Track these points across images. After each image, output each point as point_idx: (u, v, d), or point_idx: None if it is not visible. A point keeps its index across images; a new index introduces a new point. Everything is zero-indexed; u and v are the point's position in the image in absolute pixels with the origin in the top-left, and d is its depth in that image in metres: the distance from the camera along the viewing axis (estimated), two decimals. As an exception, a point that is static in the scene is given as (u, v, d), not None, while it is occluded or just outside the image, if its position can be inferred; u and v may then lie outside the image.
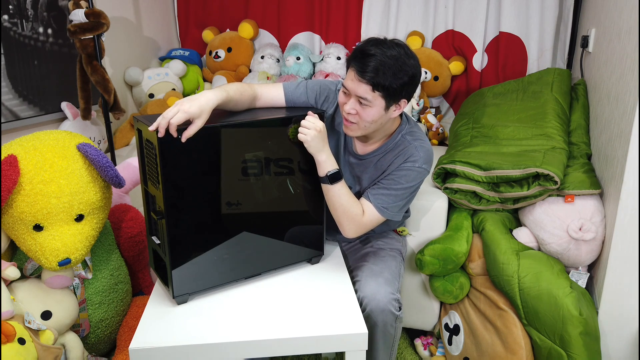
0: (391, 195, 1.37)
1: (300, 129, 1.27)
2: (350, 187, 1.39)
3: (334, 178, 1.32)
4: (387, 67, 1.22)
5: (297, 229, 1.40)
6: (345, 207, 1.35)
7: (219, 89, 1.22)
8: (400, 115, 1.44)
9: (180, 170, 1.15)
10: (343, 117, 1.35)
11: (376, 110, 1.28)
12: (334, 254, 1.54)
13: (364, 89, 1.25)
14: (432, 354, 1.81)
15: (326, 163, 1.31)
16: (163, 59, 2.71)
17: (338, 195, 1.34)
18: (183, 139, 1.11)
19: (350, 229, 1.38)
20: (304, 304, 1.27)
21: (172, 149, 1.11)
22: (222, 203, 1.23)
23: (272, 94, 1.41)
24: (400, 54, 1.24)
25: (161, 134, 1.09)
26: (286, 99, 1.42)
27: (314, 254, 1.46)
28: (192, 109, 1.12)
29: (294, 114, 1.31)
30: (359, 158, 1.45)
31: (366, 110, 1.28)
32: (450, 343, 1.74)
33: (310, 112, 1.29)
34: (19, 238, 1.36)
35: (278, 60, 2.66)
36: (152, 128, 1.09)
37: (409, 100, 1.32)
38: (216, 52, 2.68)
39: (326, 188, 1.34)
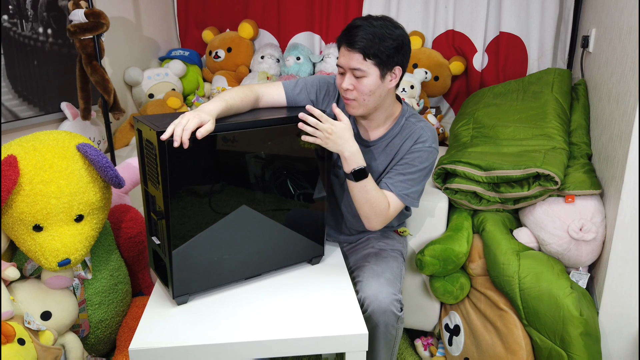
0: (409, 180, 1.38)
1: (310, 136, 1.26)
2: None
3: (358, 175, 1.30)
4: (374, 35, 1.25)
5: (297, 230, 1.39)
6: (372, 203, 1.34)
7: (218, 101, 1.22)
8: (400, 100, 1.46)
9: (180, 170, 1.14)
10: (343, 98, 1.36)
11: (372, 80, 1.29)
12: (334, 254, 1.54)
13: (356, 59, 1.27)
14: (432, 355, 1.81)
15: (350, 160, 1.29)
16: (163, 59, 2.71)
17: (365, 191, 1.32)
18: (198, 136, 1.10)
19: (377, 222, 1.38)
20: (304, 305, 1.26)
21: (172, 149, 1.11)
22: (222, 203, 1.23)
23: (273, 94, 1.42)
24: (386, 23, 1.29)
25: (177, 143, 1.08)
26: (287, 98, 1.43)
27: (315, 255, 1.46)
28: (202, 115, 1.12)
29: (293, 114, 1.31)
30: (366, 145, 1.45)
31: (362, 82, 1.29)
32: (450, 343, 1.74)
33: (309, 107, 1.27)
34: (19, 238, 1.36)
35: (278, 61, 2.66)
36: (164, 137, 1.07)
37: (404, 69, 1.34)
38: (216, 52, 2.68)
39: (351, 185, 1.33)
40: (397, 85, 1.38)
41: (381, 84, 1.31)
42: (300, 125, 1.26)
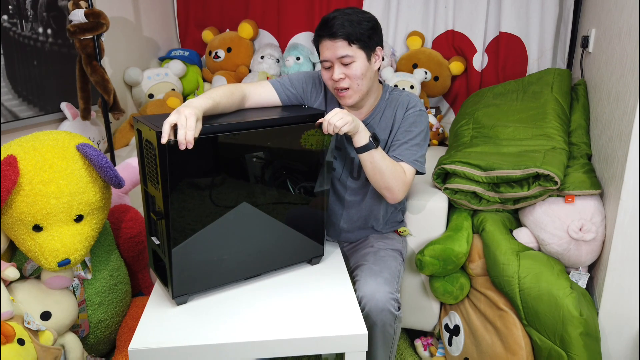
0: (412, 147, 1.42)
1: (330, 124, 1.27)
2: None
3: (375, 139, 1.34)
4: (351, 21, 1.33)
5: (297, 230, 1.39)
6: (391, 169, 1.37)
7: (205, 98, 1.22)
8: (380, 82, 1.52)
9: (180, 170, 1.14)
10: (335, 90, 1.40)
11: (361, 63, 1.35)
12: (334, 254, 1.54)
13: (342, 46, 1.33)
14: (432, 355, 1.81)
15: (364, 130, 1.34)
16: (163, 59, 2.71)
17: (383, 158, 1.36)
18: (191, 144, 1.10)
19: (399, 189, 1.40)
20: (304, 305, 1.26)
21: (172, 150, 1.11)
22: (221, 204, 1.23)
23: (261, 93, 1.45)
24: (355, 10, 1.37)
25: (183, 146, 1.08)
26: (280, 96, 1.47)
27: (314, 255, 1.46)
28: (197, 112, 1.12)
29: (292, 114, 1.31)
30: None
31: (352, 67, 1.35)
32: (450, 344, 1.74)
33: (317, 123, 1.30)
34: (19, 238, 1.36)
35: (278, 61, 2.66)
36: (163, 141, 1.07)
37: (383, 48, 1.42)
38: (216, 52, 2.68)
39: (371, 155, 1.34)
40: (379, 69, 1.43)
41: (369, 66, 1.38)
42: (324, 128, 1.28)
